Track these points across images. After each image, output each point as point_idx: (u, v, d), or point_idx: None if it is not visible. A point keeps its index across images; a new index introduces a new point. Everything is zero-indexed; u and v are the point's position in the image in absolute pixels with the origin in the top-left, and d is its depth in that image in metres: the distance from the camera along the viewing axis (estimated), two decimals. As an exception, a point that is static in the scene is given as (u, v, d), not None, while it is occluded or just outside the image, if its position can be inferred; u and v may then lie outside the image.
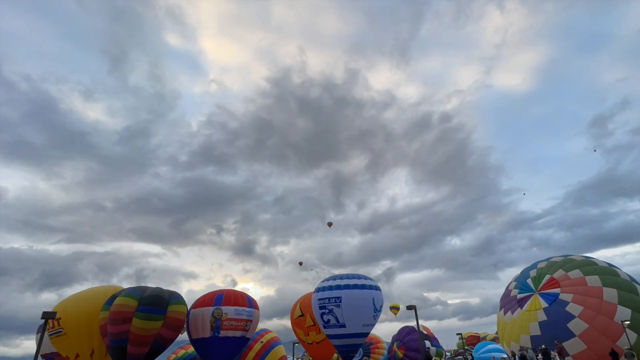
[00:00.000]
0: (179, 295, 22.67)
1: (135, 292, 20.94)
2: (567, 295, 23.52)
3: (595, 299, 22.19)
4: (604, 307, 21.68)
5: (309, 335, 28.31)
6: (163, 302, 20.91)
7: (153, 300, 20.56)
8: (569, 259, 26.26)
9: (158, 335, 20.60)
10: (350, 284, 25.13)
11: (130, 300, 20.23)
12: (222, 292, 24.23)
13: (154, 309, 20.35)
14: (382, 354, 35.20)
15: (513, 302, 27.13)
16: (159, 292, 21.42)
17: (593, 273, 23.54)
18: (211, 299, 23.40)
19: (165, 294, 21.64)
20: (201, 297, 24.18)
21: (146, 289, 21.58)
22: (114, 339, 19.97)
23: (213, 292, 24.42)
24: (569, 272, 24.76)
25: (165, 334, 20.98)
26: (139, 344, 19.99)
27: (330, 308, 24.49)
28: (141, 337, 19.95)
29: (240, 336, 23.61)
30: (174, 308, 21.37)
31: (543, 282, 25.97)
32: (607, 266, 24.38)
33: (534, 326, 24.10)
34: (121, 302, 20.17)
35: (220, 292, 24.20)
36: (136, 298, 20.44)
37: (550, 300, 24.31)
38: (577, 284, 23.60)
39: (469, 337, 47.58)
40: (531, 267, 28.76)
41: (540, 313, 24.16)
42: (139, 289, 21.31)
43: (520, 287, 27.48)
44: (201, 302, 23.58)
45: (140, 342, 20.01)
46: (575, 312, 22.44)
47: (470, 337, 48.34)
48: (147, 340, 20.25)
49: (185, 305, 22.63)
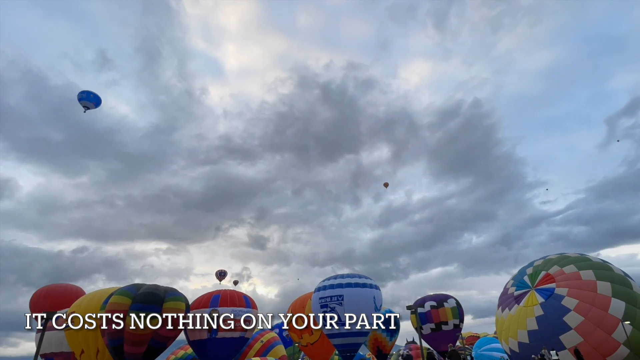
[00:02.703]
0: (175, 291, 22.34)
1: (129, 290, 20.74)
2: (562, 290, 23.81)
3: (589, 292, 22.45)
4: (598, 299, 21.92)
5: (302, 338, 28.38)
6: (158, 299, 20.61)
7: (147, 298, 20.31)
8: (564, 256, 26.72)
9: (155, 333, 20.20)
10: (351, 282, 25.52)
11: (124, 299, 20.05)
12: (219, 293, 24.40)
13: (147, 306, 20.01)
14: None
15: (510, 299, 27.37)
16: (154, 289, 21.14)
17: (587, 268, 23.86)
18: (207, 300, 23.56)
19: (161, 290, 21.35)
20: (198, 299, 24.35)
21: (141, 286, 21.31)
22: (111, 339, 19.94)
23: (209, 293, 24.56)
24: (563, 268, 25.08)
25: (162, 332, 20.52)
26: (134, 343, 19.79)
27: (332, 306, 24.69)
28: (136, 336, 19.69)
29: (239, 337, 23.74)
30: (170, 305, 20.97)
31: (539, 279, 26.23)
32: (601, 262, 24.87)
33: (531, 321, 24.27)
34: (115, 301, 20.03)
35: (216, 293, 24.36)
36: (130, 296, 20.24)
37: (546, 295, 24.56)
38: (572, 278, 23.89)
39: (468, 337, 47.41)
40: (528, 265, 29.09)
41: (537, 308, 24.35)
42: (133, 287, 21.09)
43: (517, 284, 27.75)
44: (197, 304, 23.71)
45: (136, 341, 19.79)
46: (571, 305, 22.67)
47: (470, 337, 48.16)
48: (143, 339, 20.00)
49: (183, 301, 22.22)
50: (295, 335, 28.84)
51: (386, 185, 64.17)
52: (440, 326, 32.27)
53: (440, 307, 32.63)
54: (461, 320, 33.03)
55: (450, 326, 32.20)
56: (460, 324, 33.09)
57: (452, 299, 33.69)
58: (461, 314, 33.18)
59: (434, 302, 33.15)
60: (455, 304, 33.45)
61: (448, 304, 33.01)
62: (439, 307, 32.64)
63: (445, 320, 32.30)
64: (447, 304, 32.92)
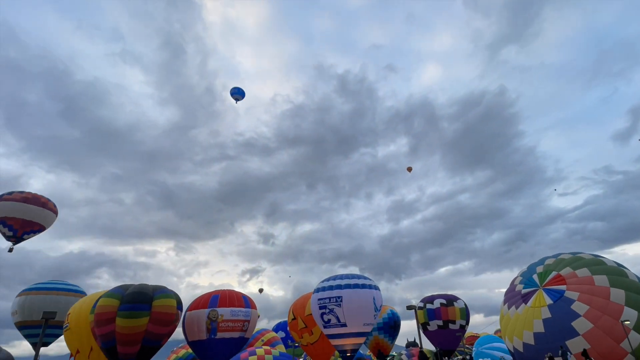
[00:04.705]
0: (165, 289, 22.31)
1: (117, 291, 20.87)
2: (573, 294, 22.79)
3: (601, 299, 21.42)
4: (610, 307, 20.90)
5: (302, 338, 28.40)
6: (146, 298, 20.66)
7: (134, 298, 20.38)
8: (578, 257, 25.40)
9: (147, 332, 20.32)
10: (350, 283, 25.16)
11: (111, 301, 20.20)
12: (218, 293, 24.35)
13: (135, 306, 20.13)
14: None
15: (517, 297, 26.56)
16: (141, 288, 21.18)
17: (601, 272, 22.66)
18: (206, 301, 23.55)
19: (149, 289, 21.38)
20: (197, 299, 24.37)
21: (128, 287, 21.42)
22: (103, 341, 20.16)
23: (209, 293, 24.55)
24: (576, 270, 23.93)
25: (154, 329, 20.66)
26: (127, 343, 19.93)
27: (330, 308, 24.43)
28: (128, 336, 19.82)
29: (239, 337, 23.79)
30: (160, 302, 21.03)
31: (549, 278, 25.19)
32: (616, 266, 23.53)
33: (537, 323, 23.49)
34: (103, 304, 20.20)
35: (215, 293, 24.31)
36: (118, 297, 20.36)
37: (555, 297, 23.61)
38: (584, 283, 22.79)
39: (468, 337, 47.06)
40: (538, 262, 27.92)
41: (545, 310, 23.51)
42: (120, 288, 21.23)
43: (526, 282, 26.80)
44: (196, 304, 23.74)
45: (128, 341, 19.92)
46: (581, 311, 21.73)
47: (470, 337, 47.75)
48: (135, 339, 20.10)
49: (173, 298, 22.14)
50: (296, 334, 28.89)
51: (409, 170, 63.82)
52: (448, 324, 32.03)
53: (450, 306, 32.45)
54: (467, 322, 32.92)
55: (457, 325, 31.99)
56: (466, 326, 32.94)
57: (460, 300, 33.52)
58: (468, 317, 33.03)
59: (444, 300, 32.99)
60: (464, 306, 33.22)
61: (458, 304, 32.80)
62: (448, 306, 32.43)
63: (453, 319, 32.05)
64: (457, 304, 32.70)
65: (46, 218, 34.12)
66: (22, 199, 32.50)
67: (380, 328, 34.27)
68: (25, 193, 33.25)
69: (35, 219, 33.14)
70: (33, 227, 33.52)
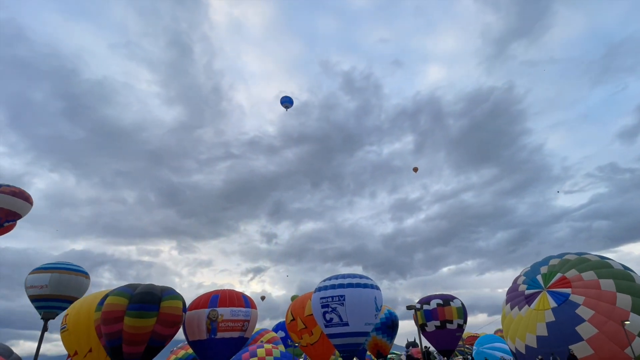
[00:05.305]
0: (172, 290, 22.24)
1: (126, 290, 20.66)
2: (578, 298, 22.48)
3: (607, 304, 21.12)
4: (616, 313, 20.63)
5: (302, 339, 28.27)
6: (155, 299, 20.54)
7: (144, 298, 20.21)
8: (584, 258, 24.91)
9: (153, 332, 20.26)
10: (352, 282, 25.07)
11: (120, 299, 19.98)
12: (218, 293, 24.15)
13: (145, 306, 19.98)
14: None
15: (520, 298, 26.29)
16: (150, 288, 21.02)
17: (608, 276, 22.29)
18: (206, 301, 23.34)
19: (157, 290, 21.25)
20: (197, 299, 24.16)
21: (137, 286, 21.23)
22: (109, 339, 19.94)
23: (208, 293, 24.34)
24: (582, 273, 23.51)
25: (160, 330, 20.64)
26: (133, 342, 19.81)
27: (333, 306, 24.29)
28: (135, 336, 19.71)
29: (238, 337, 23.65)
30: (168, 304, 20.93)
31: (554, 280, 24.86)
32: (623, 269, 23.10)
33: (541, 326, 23.30)
34: (111, 302, 19.96)
35: (215, 293, 24.11)
36: (126, 296, 20.16)
37: (560, 300, 23.32)
38: (590, 287, 22.44)
39: (468, 338, 47.32)
40: (542, 262, 27.51)
41: (549, 313, 23.26)
42: (129, 287, 21.02)
43: (529, 282, 26.47)
44: (196, 304, 23.55)
45: (135, 340, 19.81)
46: (586, 315, 21.48)
47: (470, 337, 48.01)
48: (142, 339, 20.03)
49: (180, 300, 22.13)
50: (295, 335, 28.77)
51: (415, 170, 63.77)
52: (445, 324, 31.92)
53: (446, 306, 32.25)
54: (465, 321, 32.78)
55: (454, 325, 31.86)
56: (464, 325, 32.81)
57: (457, 300, 33.35)
58: (465, 316, 32.91)
59: (440, 300, 32.81)
60: (461, 305, 33.06)
61: (454, 303, 32.59)
62: (445, 306, 32.26)
63: (450, 319, 31.92)
64: (453, 304, 32.50)
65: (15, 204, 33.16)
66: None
67: (378, 328, 34.19)
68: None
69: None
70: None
